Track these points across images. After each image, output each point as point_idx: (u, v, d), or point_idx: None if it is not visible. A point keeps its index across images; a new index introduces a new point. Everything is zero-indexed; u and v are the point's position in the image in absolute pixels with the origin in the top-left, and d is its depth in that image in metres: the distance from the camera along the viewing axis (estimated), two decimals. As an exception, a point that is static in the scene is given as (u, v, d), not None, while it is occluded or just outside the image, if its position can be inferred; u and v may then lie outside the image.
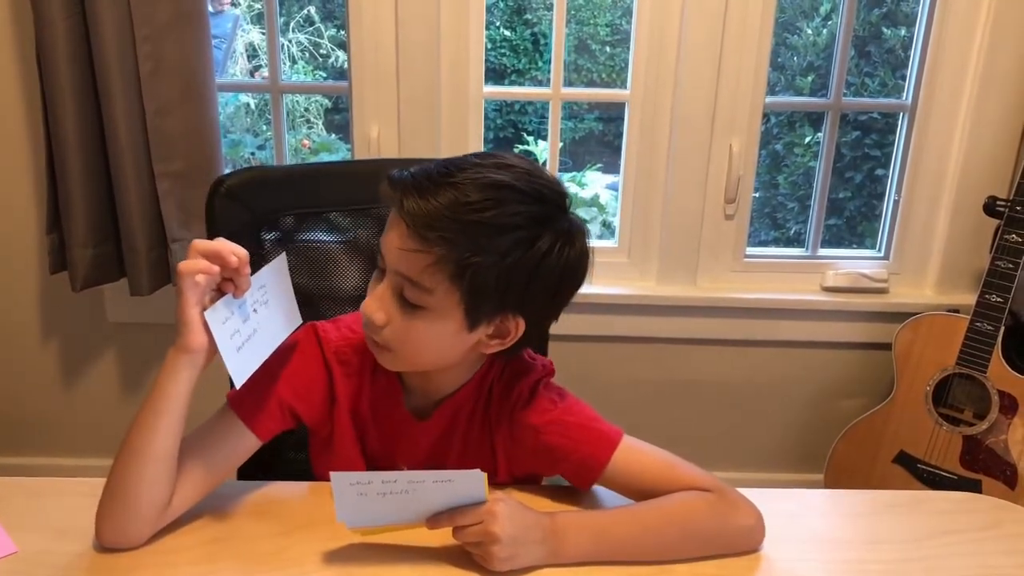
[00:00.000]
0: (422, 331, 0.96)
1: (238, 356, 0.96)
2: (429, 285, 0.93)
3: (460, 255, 0.91)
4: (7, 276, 2.17)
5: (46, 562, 0.95)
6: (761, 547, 1.02)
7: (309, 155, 3.53)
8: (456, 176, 0.92)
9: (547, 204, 0.95)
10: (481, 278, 0.92)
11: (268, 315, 1.01)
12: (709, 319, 2.17)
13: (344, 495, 0.92)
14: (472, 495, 0.92)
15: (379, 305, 0.96)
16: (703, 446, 2.26)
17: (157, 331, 2.21)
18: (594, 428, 1.03)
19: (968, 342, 1.90)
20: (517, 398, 1.06)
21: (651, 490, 1.01)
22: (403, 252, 0.93)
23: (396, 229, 0.94)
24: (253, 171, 1.39)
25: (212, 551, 0.98)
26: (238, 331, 0.97)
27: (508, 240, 0.92)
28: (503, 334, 1.00)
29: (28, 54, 1.93)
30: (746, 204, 2.13)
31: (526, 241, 0.93)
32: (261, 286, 1.00)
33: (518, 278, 0.94)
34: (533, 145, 3.87)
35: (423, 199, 0.90)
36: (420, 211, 0.90)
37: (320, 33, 3.59)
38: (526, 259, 0.93)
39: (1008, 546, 1.04)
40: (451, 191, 0.91)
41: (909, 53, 2.13)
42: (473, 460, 1.10)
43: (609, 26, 4.03)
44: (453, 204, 0.90)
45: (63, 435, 2.33)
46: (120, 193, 1.90)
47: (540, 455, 1.05)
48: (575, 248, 0.97)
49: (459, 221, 0.90)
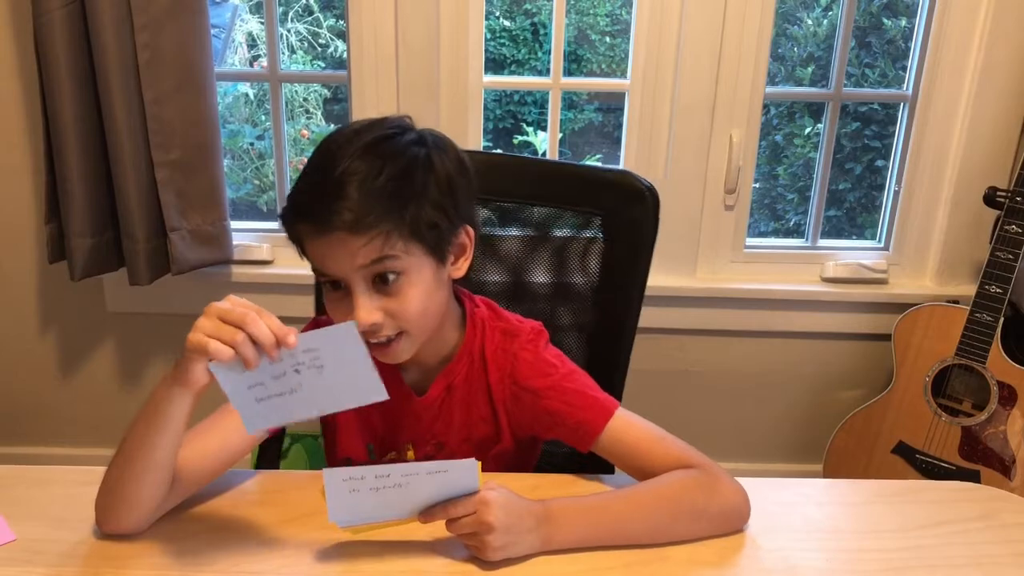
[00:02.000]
0: (415, 293, 0.99)
1: (256, 406, 0.88)
2: (394, 252, 0.96)
3: (400, 215, 0.95)
4: (6, 266, 2.17)
5: (45, 550, 0.96)
6: (747, 526, 1.03)
7: (308, 145, 3.53)
8: (337, 168, 0.94)
9: (407, 130, 1.01)
10: (425, 218, 0.97)
11: (318, 381, 0.88)
12: (709, 310, 2.17)
13: (336, 492, 0.92)
14: (465, 485, 0.93)
15: (368, 309, 0.97)
16: (702, 436, 2.25)
17: (156, 321, 2.21)
18: (591, 396, 1.07)
19: (967, 333, 1.90)
20: (515, 360, 1.09)
21: (642, 460, 1.04)
22: (358, 250, 0.94)
23: (332, 243, 0.95)
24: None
25: (213, 539, 0.98)
26: (261, 384, 0.87)
27: (417, 175, 0.97)
28: (463, 250, 1.05)
29: (26, 43, 1.92)
30: (746, 195, 2.13)
31: (426, 164, 0.98)
32: (309, 349, 0.87)
33: (444, 196, 0.99)
34: (533, 136, 3.86)
35: (343, 202, 0.93)
36: (349, 214, 0.93)
37: (319, 23, 3.58)
38: (437, 177, 0.99)
39: (1004, 535, 1.04)
40: (350, 180, 0.94)
41: (910, 44, 2.12)
42: (475, 428, 1.11)
43: (609, 16, 4.02)
44: (363, 186, 0.94)
45: (62, 424, 2.33)
46: (119, 182, 1.90)
47: (539, 418, 1.09)
48: (446, 141, 1.04)
49: (377, 192, 0.94)
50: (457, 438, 1.13)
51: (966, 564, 0.99)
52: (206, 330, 0.84)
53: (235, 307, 0.85)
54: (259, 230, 2.21)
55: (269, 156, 3.23)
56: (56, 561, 0.94)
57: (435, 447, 1.14)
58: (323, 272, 0.98)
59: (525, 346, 1.10)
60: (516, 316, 1.15)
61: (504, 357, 1.10)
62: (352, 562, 0.95)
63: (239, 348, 0.83)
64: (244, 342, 0.83)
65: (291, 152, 3.25)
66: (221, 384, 0.87)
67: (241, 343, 0.83)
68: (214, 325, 0.84)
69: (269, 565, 0.95)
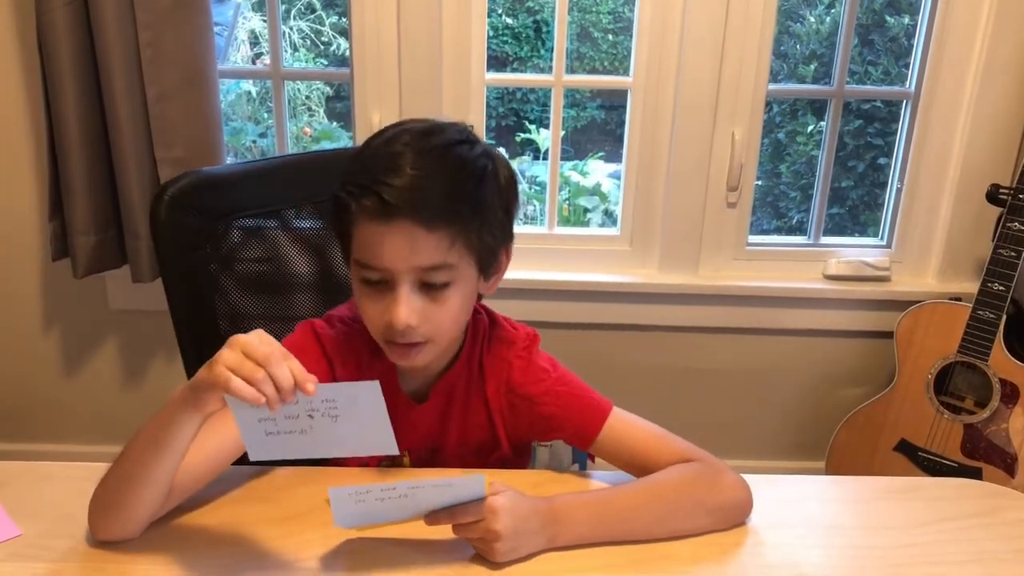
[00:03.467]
0: (455, 304, 0.99)
1: (263, 439, 0.87)
2: (453, 261, 0.96)
3: (469, 224, 0.95)
4: (9, 263, 2.17)
5: (49, 545, 0.96)
6: (750, 522, 1.03)
7: (310, 143, 3.53)
8: (417, 163, 0.93)
9: (473, 139, 1.01)
10: (486, 232, 0.98)
11: (330, 428, 0.87)
12: (711, 307, 2.17)
13: (342, 506, 0.92)
14: (472, 494, 0.92)
15: (410, 310, 0.95)
16: (705, 434, 2.25)
17: (159, 318, 2.20)
18: (587, 398, 1.08)
19: (970, 330, 1.89)
20: (510, 368, 1.09)
21: (641, 458, 1.05)
22: (422, 248, 0.93)
23: (396, 232, 0.93)
24: (196, 175, 1.29)
25: (215, 536, 0.98)
26: (272, 419, 0.86)
27: (488, 188, 0.98)
28: (498, 268, 1.05)
29: (29, 41, 1.92)
30: (748, 192, 2.13)
31: (494, 178, 0.99)
32: (327, 400, 0.86)
33: (502, 212, 1.00)
34: (535, 133, 3.86)
35: (419, 192, 0.92)
36: (429, 208, 0.92)
37: (322, 20, 3.58)
38: (500, 193, 1.00)
39: (1005, 532, 1.04)
40: (428, 174, 0.93)
41: (912, 41, 2.12)
42: (472, 435, 1.11)
43: (611, 13, 4.02)
44: (446, 186, 0.93)
45: (65, 421, 2.33)
46: (121, 180, 1.90)
47: (536, 424, 1.10)
48: (502, 157, 1.03)
49: (456, 196, 0.94)
50: (454, 443, 1.13)
51: (968, 561, 0.99)
52: (229, 363, 0.81)
53: (261, 345, 0.82)
54: (262, 228, 2.21)
55: (272, 154, 3.23)
56: (60, 557, 0.94)
57: (431, 452, 1.14)
58: (370, 263, 0.96)
59: (520, 354, 1.10)
60: (510, 321, 1.14)
61: (500, 365, 1.10)
62: (355, 559, 0.96)
63: (258, 386, 0.80)
64: (264, 380, 0.81)
65: (293, 150, 3.24)
66: (233, 412, 0.85)
67: (261, 381, 0.81)
68: (237, 359, 0.82)
69: (273, 561, 0.95)
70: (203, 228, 1.25)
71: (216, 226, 1.27)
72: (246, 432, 0.87)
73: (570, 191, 3.56)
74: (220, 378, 0.81)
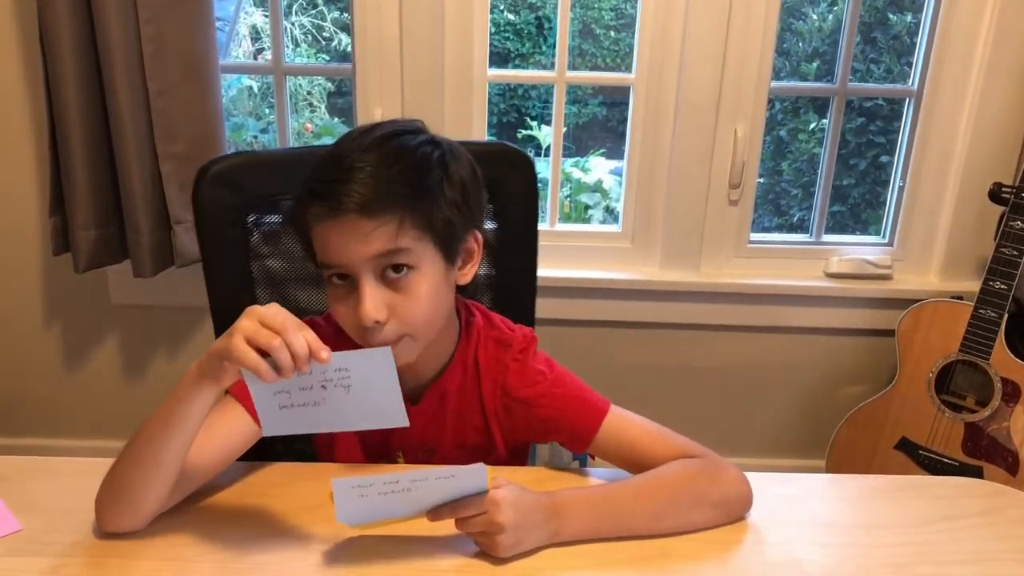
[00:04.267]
0: (422, 291, 0.98)
1: (278, 412, 0.89)
2: (407, 245, 0.96)
3: (414, 205, 0.95)
4: (10, 258, 2.17)
5: (50, 540, 0.96)
6: (751, 519, 1.03)
7: (312, 139, 3.53)
8: (352, 156, 0.96)
9: (421, 131, 1.03)
10: (439, 212, 0.98)
11: (343, 399, 0.89)
12: (712, 305, 2.17)
13: (345, 499, 0.92)
14: (474, 486, 0.92)
15: (375, 304, 0.96)
16: (705, 431, 2.25)
17: (160, 313, 2.22)
18: (583, 399, 1.07)
19: (971, 329, 1.89)
20: (506, 371, 1.08)
21: (640, 456, 1.05)
22: (370, 235, 0.94)
23: (344, 228, 0.95)
24: (243, 155, 1.36)
25: (218, 531, 0.98)
26: (286, 392, 0.88)
27: (433, 171, 0.98)
28: (470, 255, 1.05)
29: (31, 35, 1.92)
30: (750, 190, 2.12)
31: (440, 163, 1.00)
32: (340, 368, 0.88)
33: (456, 195, 1.00)
34: (536, 130, 3.86)
35: (355, 185, 0.94)
36: (362, 195, 0.93)
37: (323, 16, 3.58)
38: (450, 177, 1.00)
39: (1008, 531, 1.04)
40: (365, 165, 0.95)
41: (915, 40, 2.12)
42: (467, 437, 1.11)
43: (613, 10, 4.01)
44: (378, 171, 0.95)
45: (66, 417, 2.33)
46: (123, 175, 1.90)
47: (533, 426, 1.09)
48: (458, 147, 1.04)
49: (392, 178, 0.95)
50: (449, 445, 1.13)
51: (969, 560, 0.99)
52: (246, 332, 0.84)
53: (277, 314, 0.85)
54: (263, 223, 2.21)
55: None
56: (61, 552, 0.94)
57: (426, 453, 1.14)
58: (330, 262, 0.97)
59: (516, 356, 1.09)
60: (507, 322, 1.14)
61: (497, 368, 1.10)
62: (358, 554, 0.96)
63: (275, 352, 0.83)
64: (280, 347, 0.83)
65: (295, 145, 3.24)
66: (248, 385, 0.87)
67: (277, 348, 0.83)
68: (254, 327, 0.84)
69: (275, 557, 0.95)
70: (243, 205, 1.27)
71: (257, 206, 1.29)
72: (261, 405, 0.88)
73: (571, 188, 3.56)
74: (238, 350, 0.83)
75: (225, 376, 0.88)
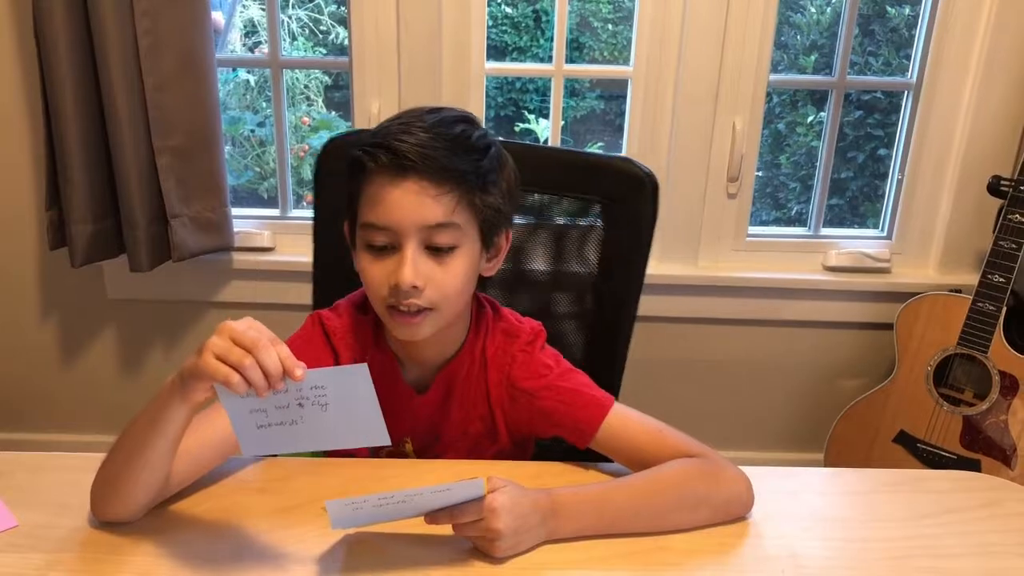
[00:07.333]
0: (460, 270, 1.00)
1: (255, 432, 0.87)
2: (459, 221, 0.98)
3: (476, 186, 0.98)
4: (6, 252, 2.17)
5: (46, 536, 0.96)
6: (750, 514, 1.03)
7: (309, 132, 3.51)
8: (428, 123, 0.98)
9: (479, 123, 1.05)
10: (491, 199, 1.01)
11: (320, 418, 0.86)
12: (711, 298, 2.17)
13: (340, 514, 0.91)
14: (470, 495, 0.92)
15: (415, 270, 0.97)
16: (704, 425, 2.25)
17: (157, 307, 2.21)
18: (587, 393, 1.07)
19: (970, 322, 1.89)
20: (512, 362, 1.09)
21: (641, 453, 1.04)
22: (425, 203, 0.95)
23: (407, 188, 0.96)
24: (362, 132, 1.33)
25: (213, 526, 0.98)
26: (263, 411, 0.86)
27: (493, 163, 1.02)
28: (498, 250, 1.08)
29: (26, 30, 1.91)
30: (748, 183, 2.12)
31: (498, 157, 1.03)
32: (316, 386, 0.85)
33: (505, 190, 1.04)
34: (534, 123, 3.85)
35: (429, 150, 0.95)
36: (437, 161, 0.95)
37: (320, 9, 3.56)
38: (505, 170, 1.04)
39: (1006, 524, 1.04)
40: (440, 135, 0.97)
41: (913, 32, 2.11)
42: (473, 426, 1.11)
43: (611, 3, 4.00)
44: (455, 145, 0.97)
45: (62, 411, 2.33)
46: (119, 169, 1.89)
47: (536, 418, 1.10)
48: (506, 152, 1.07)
49: (464, 156, 0.97)
50: (455, 432, 1.14)
51: (969, 553, 0.99)
52: (216, 350, 0.82)
53: (249, 330, 0.83)
54: (260, 217, 2.20)
55: (270, 143, 3.21)
56: (57, 547, 0.94)
57: (433, 439, 1.14)
58: (379, 222, 0.97)
59: (523, 348, 1.10)
60: (515, 315, 1.14)
61: (504, 359, 1.10)
62: (353, 551, 0.95)
63: (245, 372, 0.81)
64: (252, 367, 0.81)
65: (292, 139, 3.23)
66: (223, 404, 0.85)
67: (249, 367, 0.81)
68: (225, 346, 0.82)
69: (270, 553, 0.94)
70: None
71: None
72: (237, 425, 0.87)
73: (570, 182, 3.54)
74: (208, 367, 0.81)
75: (195, 394, 0.86)
